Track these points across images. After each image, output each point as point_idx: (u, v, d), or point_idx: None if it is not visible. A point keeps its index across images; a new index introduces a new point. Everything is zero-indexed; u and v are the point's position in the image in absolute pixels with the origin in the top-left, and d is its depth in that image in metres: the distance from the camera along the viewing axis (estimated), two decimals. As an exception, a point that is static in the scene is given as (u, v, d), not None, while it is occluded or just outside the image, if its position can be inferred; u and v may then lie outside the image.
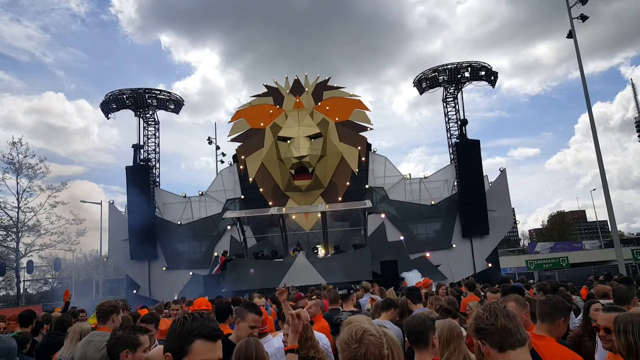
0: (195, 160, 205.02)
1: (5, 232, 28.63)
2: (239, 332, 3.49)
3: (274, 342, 3.79)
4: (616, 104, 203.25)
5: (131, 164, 24.82)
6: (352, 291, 5.44)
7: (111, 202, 25.68)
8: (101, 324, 4.04)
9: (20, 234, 28.31)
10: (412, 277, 17.25)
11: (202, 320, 1.69)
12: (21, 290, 31.44)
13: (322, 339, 3.72)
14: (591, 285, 9.75)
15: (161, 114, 27.24)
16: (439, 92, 26.82)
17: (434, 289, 9.65)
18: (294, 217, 23.01)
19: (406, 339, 3.09)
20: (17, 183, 28.15)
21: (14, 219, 28.11)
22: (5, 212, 28.04)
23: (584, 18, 19.75)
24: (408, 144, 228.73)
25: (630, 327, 2.40)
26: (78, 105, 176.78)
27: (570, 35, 19.86)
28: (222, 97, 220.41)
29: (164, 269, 23.79)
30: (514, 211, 29.29)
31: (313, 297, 5.52)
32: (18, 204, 28.00)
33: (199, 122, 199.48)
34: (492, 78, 25.90)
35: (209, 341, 1.64)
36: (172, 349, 1.64)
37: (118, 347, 2.80)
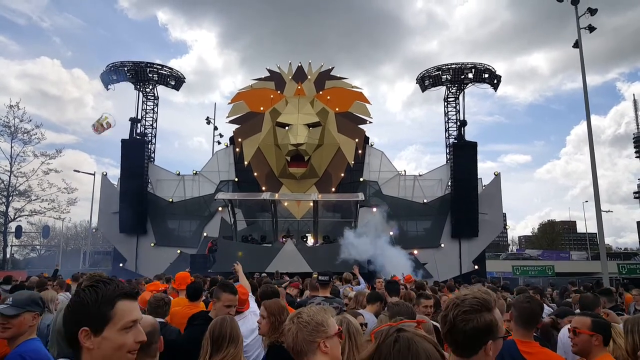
0: (189, 140, 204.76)
1: (-5, 195, 28.47)
2: (216, 312, 3.51)
3: (249, 322, 3.79)
4: (609, 119, 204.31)
5: (127, 137, 24.64)
6: (332, 279, 5.54)
7: (104, 173, 25.59)
8: None
9: (10, 198, 28.16)
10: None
11: (114, 281, 1.46)
12: (7, 255, 31.37)
13: None
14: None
15: (158, 90, 26.99)
16: (434, 92, 26.97)
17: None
18: (286, 203, 23.01)
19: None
20: (11, 147, 27.96)
21: (5, 182, 27.95)
22: (-3, 175, 27.86)
23: (591, 29, 19.49)
24: (402, 141, 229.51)
25: (637, 327, 2.59)
26: (74, 74, 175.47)
27: (577, 45, 19.68)
28: (218, 78, 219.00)
29: (153, 245, 23.79)
30: (505, 216, 29.39)
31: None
32: (10, 168, 27.83)
33: (193, 102, 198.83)
34: (495, 81, 25.85)
35: (132, 300, 1.44)
36: (89, 321, 1.36)
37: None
